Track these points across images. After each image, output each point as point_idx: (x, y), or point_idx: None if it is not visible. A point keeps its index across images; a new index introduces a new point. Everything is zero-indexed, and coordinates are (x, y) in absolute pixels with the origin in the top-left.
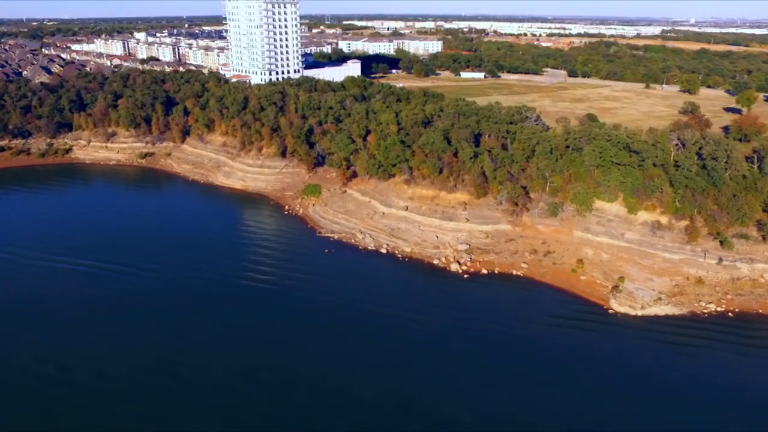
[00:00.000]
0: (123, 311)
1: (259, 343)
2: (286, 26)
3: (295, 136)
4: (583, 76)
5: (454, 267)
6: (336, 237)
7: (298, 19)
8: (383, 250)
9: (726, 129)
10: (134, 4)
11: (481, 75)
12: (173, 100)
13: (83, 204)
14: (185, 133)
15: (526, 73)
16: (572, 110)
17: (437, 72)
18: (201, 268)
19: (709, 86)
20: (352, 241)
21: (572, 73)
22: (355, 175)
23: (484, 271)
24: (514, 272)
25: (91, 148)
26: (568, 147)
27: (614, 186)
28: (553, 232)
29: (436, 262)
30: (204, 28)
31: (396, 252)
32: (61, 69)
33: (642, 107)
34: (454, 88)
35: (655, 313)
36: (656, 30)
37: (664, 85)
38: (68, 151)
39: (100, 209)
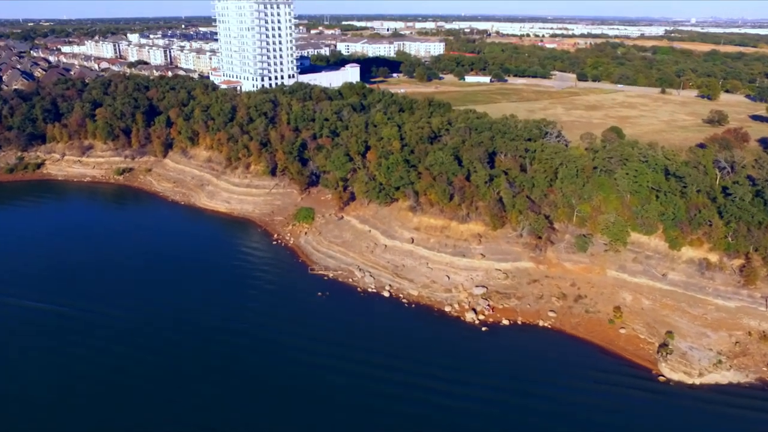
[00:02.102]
0: (66, 373)
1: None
2: (279, 28)
3: (287, 151)
4: (593, 80)
5: (469, 316)
6: (331, 275)
7: (293, 20)
8: (385, 293)
9: (765, 142)
10: (133, 5)
11: (487, 79)
12: (157, 109)
13: (48, 229)
14: (167, 147)
15: (534, 76)
16: (588, 119)
17: (440, 76)
18: (166, 317)
19: (727, 91)
20: (350, 280)
21: (582, 77)
22: (353, 198)
23: (506, 322)
24: (541, 323)
25: (64, 163)
26: (595, 168)
27: (653, 217)
28: (582, 270)
29: (448, 309)
30: (200, 29)
31: (400, 296)
32: (44, 73)
33: (662, 115)
34: (460, 94)
35: (716, 381)
36: (659, 30)
37: (680, 90)
38: (40, 165)
39: (65, 235)
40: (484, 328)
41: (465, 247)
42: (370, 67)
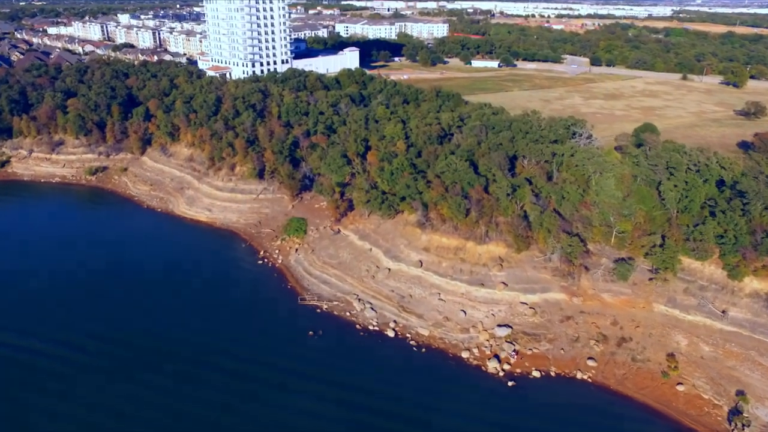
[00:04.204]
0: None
1: None
2: (271, 9)
3: (276, 150)
4: (608, 65)
5: (491, 365)
6: (325, 307)
7: (286, 0)
8: (390, 332)
9: None
10: None
11: (495, 63)
12: (136, 99)
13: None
14: (146, 143)
15: (545, 60)
16: (610, 111)
17: (445, 60)
18: (123, 355)
19: (752, 77)
20: (347, 314)
21: (595, 61)
22: (351, 206)
23: (536, 373)
24: (579, 375)
25: (32, 161)
26: (635, 178)
27: (709, 240)
28: (624, 304)
29: (465, 355)
30: (195, 9)
31: (408, 335)
32: (21, 57)
33: (689, 106)
34: (468, 80)
35: None
36: (666, 10)
37: (702, 77)
38: (5, 163)
39: (22, 249)
40: (510, 383)
41: (483, 274)
42: (370, 50)
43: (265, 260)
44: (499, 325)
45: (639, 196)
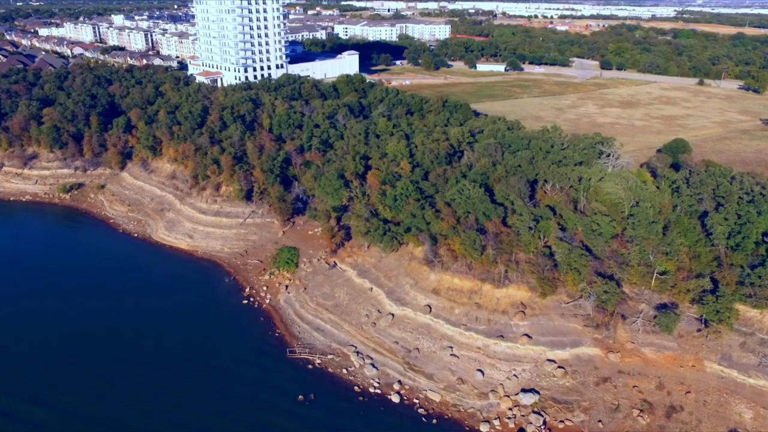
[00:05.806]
0: None
1: None
2: (265, 11)
3: (266, 168)
4: (618, 69)
5: None
6: (318, 362)
7: (281, 1)
8: (394, 397)
9: None
10: None
11: (501, 67)
12: (119, 108)
13: None
14: (126, 157)
15: (553, 64)
16: (629, 121)
17: (449, 63)
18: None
19: None
20: (344, 371)
21: (605, 65)
22: (348, 235)
23: None
24: None
25: (1, 176)
26: (675, 208)
27: None
28: (669, 361)
29: (484, 429)
30: (190, 10)
31: (416, 401)
32: (3, 60)
33: (712, 114)
34: (474, 86)
35: None
36: (669, 11)
37: (719, 81)
38: None
39: None
40: None
41: (503, 324)
42: (370, 53)
43: (251, 299)
44: (524, 390)
45: (680, 228)
